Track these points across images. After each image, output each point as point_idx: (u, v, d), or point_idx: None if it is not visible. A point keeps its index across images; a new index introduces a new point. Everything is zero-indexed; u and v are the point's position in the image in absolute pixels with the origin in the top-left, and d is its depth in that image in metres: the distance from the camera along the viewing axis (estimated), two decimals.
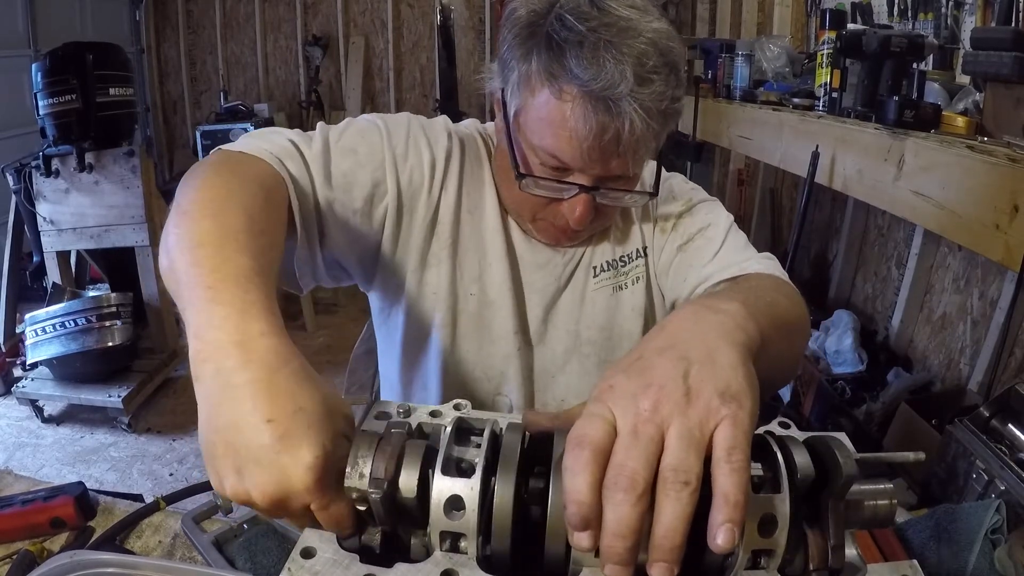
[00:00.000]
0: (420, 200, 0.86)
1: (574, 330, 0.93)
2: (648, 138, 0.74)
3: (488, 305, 0.90)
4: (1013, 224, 1.31)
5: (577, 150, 0.74)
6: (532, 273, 0.92)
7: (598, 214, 0.82)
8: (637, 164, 0.79)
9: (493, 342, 0.91)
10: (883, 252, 2.69)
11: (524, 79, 0.75)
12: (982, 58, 1.54)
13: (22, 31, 3.98)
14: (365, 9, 5.15)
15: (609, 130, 0.71)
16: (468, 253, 0.90)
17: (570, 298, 0.93)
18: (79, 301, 2.79)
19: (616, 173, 0.77)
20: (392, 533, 0.50)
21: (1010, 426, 1.42)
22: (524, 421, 0.52)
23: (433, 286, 0.89)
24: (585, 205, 0.78)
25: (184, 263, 0.55)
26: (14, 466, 2.46)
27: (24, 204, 2.92)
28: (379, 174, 0.83)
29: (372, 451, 0.47)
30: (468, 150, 0.91)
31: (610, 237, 0.93)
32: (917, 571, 0.48)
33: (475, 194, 0.90)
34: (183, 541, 0.80)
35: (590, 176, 0.77)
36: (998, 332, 1.84)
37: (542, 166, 0.78)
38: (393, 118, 0.88)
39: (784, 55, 2.62)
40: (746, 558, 0.46)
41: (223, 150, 0.75)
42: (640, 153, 0.76)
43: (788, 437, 0.51)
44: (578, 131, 0.72)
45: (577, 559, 0.46)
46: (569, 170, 0.77)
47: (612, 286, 0.93)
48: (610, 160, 0.75)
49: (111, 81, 2.82)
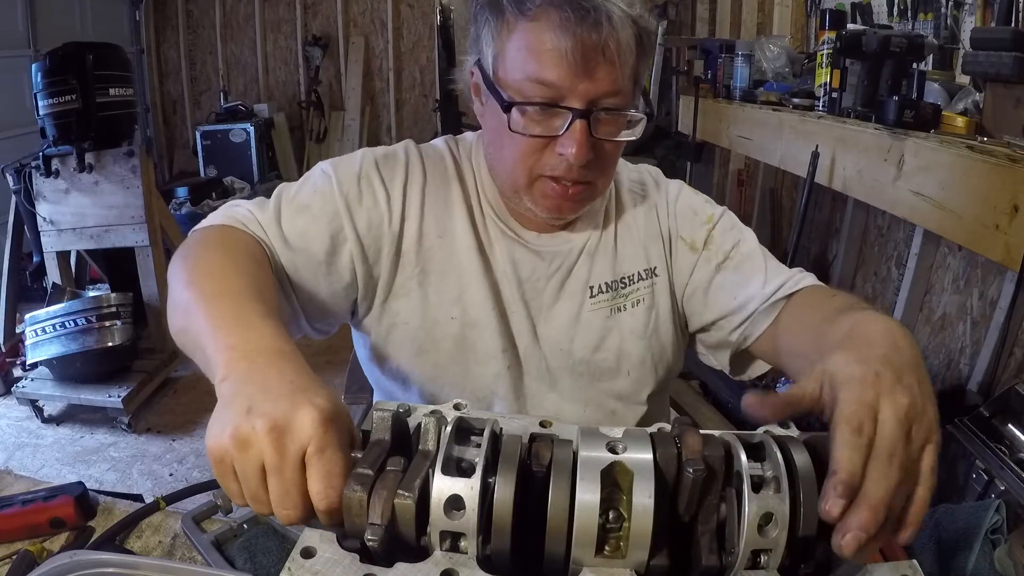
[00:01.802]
0: (383, 237, 0.86)
1: (567, 348, 0.91)
2: (628, 43, 0.74)
3: (471, 326, 0.88)
4: (1013, 224, 1.31)
5: (562, 64, 0.73)
6: (515, 289, 0.89)
7: (597, 157, 0.79)
8: (625, 74, 0.76)
9: (480, 362, 0.90)
10: (883, 252, 2.69)
11: (497, 28, 0.77)
12: (982, 58, 1.54)
13: (22, 31, 3.98)
14: (365, 9, 5.16)
15: (590, 33, 0.72)
16: (444, 277, 0.88)
17: (562, 316, 0.90)
18: (79, 301, 2.79)
19: (606, 88, 0.76)
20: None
21: (1010, 426, 1.42)
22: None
23: (404, 316, 0.88)
24: (583, 134, 0.75)
25: (202, 318, 0.61)
26: (14, 466, 2.46)
27: (24, 204, 2.92)
28: (335, 224, 0.83)
29: (367, 493, 0.47)
30: (431, 173, 0.90)
31: (610, 257, 0.92)
32: (917, 571, 0.48)
33: (443, 217, 0.89)
34: (183, 541, 0.80)
35: (581, 97, 0.75)
36: (998, 332, 1.84)
37: (531, 106, 0.77)
38: (346, 161, 0.89)
39: (784, 55, 2.62)
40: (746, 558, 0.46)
41: (200, 229, 0.80)
42: (625, 57, 0.75)
43: (788, 437, 0.52)
44: (559, 43, 0.72)
45: (577, 559, 0.46)
46: (559, 101, 0.76)
47: (611, 307, 0.91)
48: (596, 69, 0.74)
49: (111, 81, 2.81)
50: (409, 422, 0.55)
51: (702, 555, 0.48)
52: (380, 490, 0.47)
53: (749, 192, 3.75)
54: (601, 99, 0.76)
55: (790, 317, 0.85)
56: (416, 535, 0.47)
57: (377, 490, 0.47)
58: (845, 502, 0.46)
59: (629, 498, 0.46)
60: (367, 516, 0.47)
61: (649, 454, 0.48)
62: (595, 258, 0.91)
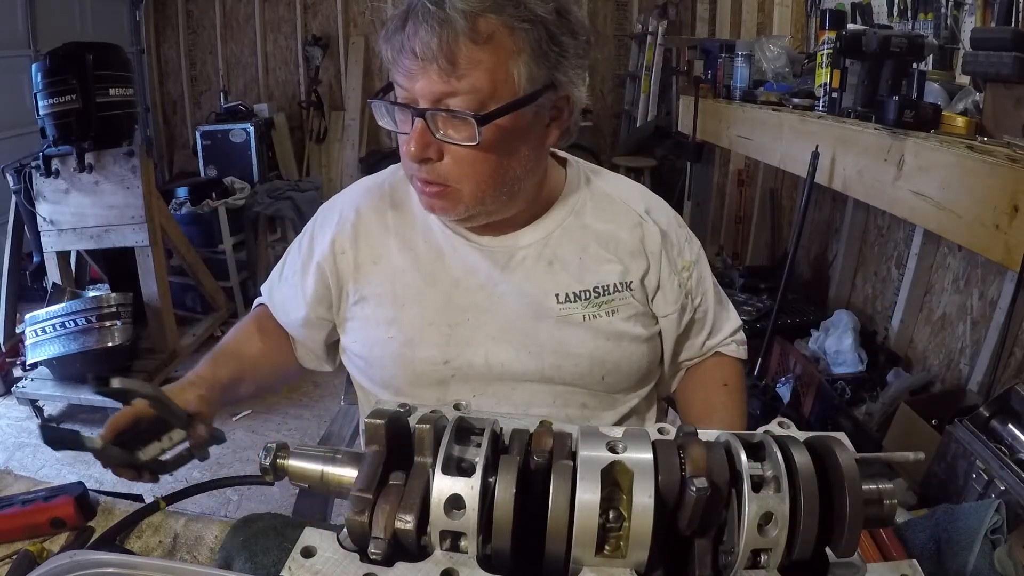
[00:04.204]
0: (335, 279, 0.97)
1: (536, 352, 0.90)
2: (472, 40, 0.74)
3: (407, 344, 0.91)
4: (1013, 224, 1.31)
5: (403, 65, 0.77)
6: (471, 294, 0.91)
7: (454, 161, 0.80)
8: (467, 74, 0.75)
9: (421, 376, 0.91)
10: (883, 252, 2.69)
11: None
12: (982, 58, 1.54)
13: (22, 31, 3.98)
14: (365, 9, 5.15)
15: (428, 36, 0.74)
16: (380, 300, 0.93)
17: (527, 321, 0.90)
18: (79, 301, 2.79)
19: (440, 89, 0.76)
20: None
21: (1010, 426, 1.42)
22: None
23: (350, 344, 0.98)
24: (418, 132, 0.78)
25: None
26: (14, 466, 2.46)
27: (24, 204, 2.92)
28: (300, 291, 1.00)
29: (368, 518, 0.48)
30: (365, 208, 0.97)
31: (575, 265, 0.92)
32: (917, 571, 0.48)
33: (376, 242, 0.95)
34: (183, 541, 0.80)
35: (423, 97, 0.77)
36: (998, 332, 1.84)
37: (385, 103, 0.83)
38: (306, 227, 1.04)
39: (784, 55, 2.62)
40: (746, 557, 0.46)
41: (258, 304, 1.10)
42: (468, 55, 0.75)
43: (788, 437, 0.52)
44: (403, 46, 0.76)
45: (577, 558, 0.46)
46: (409, 102, 0.79)
47: (584, 315, 0.91)
48: (428, 67, 0.75)
49: (111, 81, 2.81)
50: (410, 421, 0.55)
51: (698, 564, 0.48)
52: (383, 505, 0.48)
53: (749, 192, 3.75)
54: (443, 99, 0.77)
55: (696, 371, 1.06)
56: (416, 535, 0.47)
57: (380, 505, 0.48)
58: None
59: (629, 498, 0.46)
60: (370, 533, 0.47)
61: (649, 454, 0.48)
62: (556, 266, 0.92)
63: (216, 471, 2.48)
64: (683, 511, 0.47)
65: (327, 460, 0.55)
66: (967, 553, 0.85)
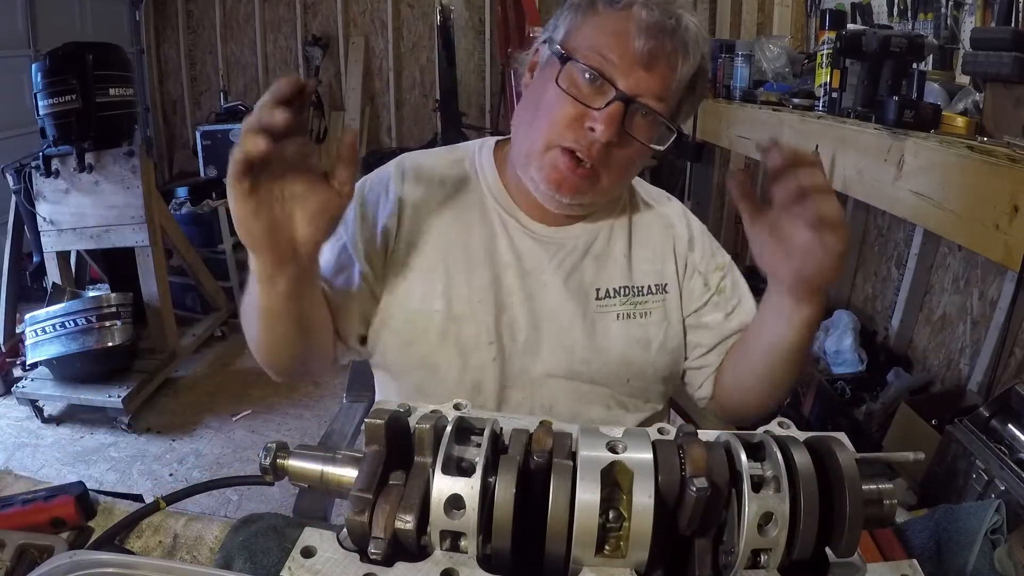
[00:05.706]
0: (378, 241, 0.91)
1: (569, 346, 0.91)
2: (690, 68, 0.81)
3: (454, 320, 0.90)
4: (1013, 224, 1.31)
5: (628, 49, 0.78)
6: (517, 279, 0.91)
7: (617, 151, 0.83)
8: (674, 89, 0.82)
9: (463, 354, 0.91)
10: (883, 252, 2.69)
11: (584, 11, 0.83)
12: (982, 58, 1.54)
13: (22, 31, 3.98)
14: (365, 9, 5.15)
15: (666, 39, 0.78)
16: (430, 269, 0.91)
17: (567, 313, 0.91)
18: (79, 301, 2.79)
19: (656, 88, 0.80)
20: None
21: (1010, 426, 1.42)
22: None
23: (391, 311, 0.92)
24: (616, 115, 0.79)
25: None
26: (14, 466, 2.46)
27: (24, 204, 2.92)
28: (344, 246, 0.92)
29: (368, 518, 0.48)
30: (429, 180, 0.95)
31: (621, 264, 0.94)
32: (917, 571, 0.48)
33: (432, 213, 0.93)
34: (183, 541, 0.80)
35: (631, 84, 0.79)
36: (998, 332, 1.84)
37: (587, 68, 0.81)
38: (373, 176, 0.99)
39: (784, 55, 2.62)
40: (746, 557, 0.46)
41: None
42: (682, 75, 0.81)
43: (788, 437, 0.52)
44: (634, 32, 0.78)
45: (577, 558, 0.46)
46: (611, 79, 0.80)
47: (618, 313, 0.92)
48: (655, 69, 0.79)
49: (111, 81, 2.81)
50: (410, 421, 0.55)
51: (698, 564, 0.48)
52: (383, 505, 0.48)
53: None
54: (647, 96, 0.81)
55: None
56: (416, 535, 0.47)
57: (380, 505, 0.48)
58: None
59: (629, 498, 0.46)
60: (370, 533, 0.47)
61: (649, 454, 0.48)
62: (603, 261, 0.93)
63: (216, 471, 2.48)
64: (683, 511, 0.47)
65: (327, 460, 0.55)
66: (967, 553, 0.85)
